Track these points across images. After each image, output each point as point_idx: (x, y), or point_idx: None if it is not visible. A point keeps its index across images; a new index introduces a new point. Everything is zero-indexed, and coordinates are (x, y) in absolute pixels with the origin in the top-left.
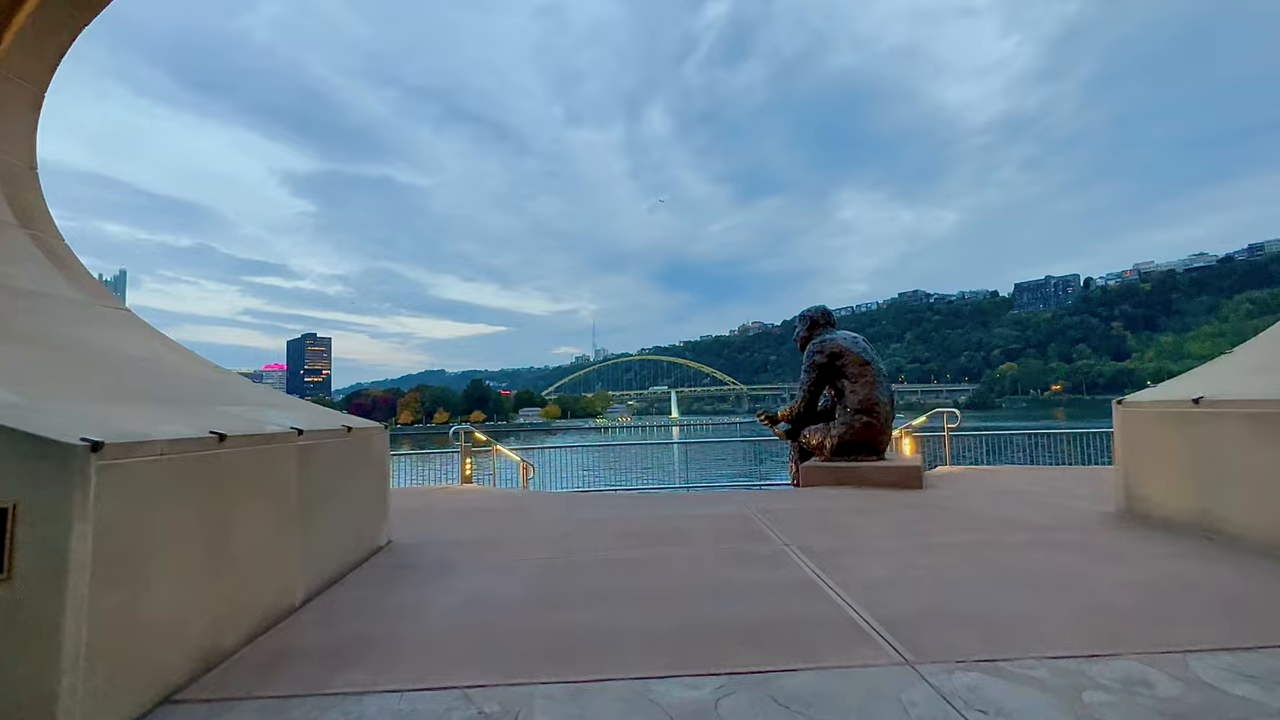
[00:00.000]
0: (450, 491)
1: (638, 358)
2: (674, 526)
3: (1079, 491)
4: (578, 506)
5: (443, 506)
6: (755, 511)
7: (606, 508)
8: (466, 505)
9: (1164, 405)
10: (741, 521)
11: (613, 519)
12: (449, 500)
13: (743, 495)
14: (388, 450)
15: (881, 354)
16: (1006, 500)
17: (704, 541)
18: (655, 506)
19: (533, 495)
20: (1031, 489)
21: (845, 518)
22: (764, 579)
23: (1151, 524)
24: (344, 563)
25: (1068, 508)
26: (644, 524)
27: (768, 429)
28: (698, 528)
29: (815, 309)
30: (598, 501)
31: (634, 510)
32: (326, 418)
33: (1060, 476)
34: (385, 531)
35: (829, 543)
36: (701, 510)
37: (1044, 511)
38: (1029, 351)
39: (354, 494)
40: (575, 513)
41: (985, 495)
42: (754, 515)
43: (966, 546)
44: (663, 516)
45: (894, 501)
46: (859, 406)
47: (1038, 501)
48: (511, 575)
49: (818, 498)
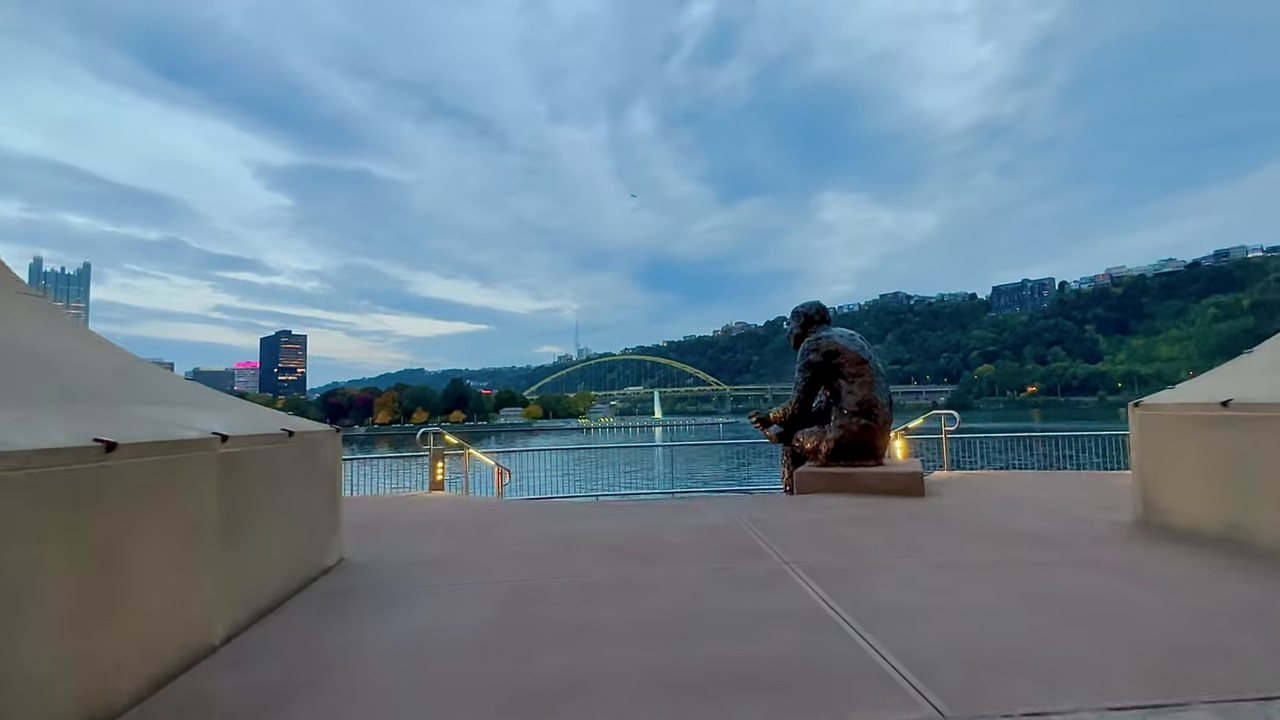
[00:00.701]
0: (418, 499)
1: (621, 357)
2: (660, 540)
3: (1087, 499)
4: (555, 517)
5: (407, 517)
6: (747, 521)
7: (586, 518)
8: (433, 516)
9: (1188, 408)
10: (733, 534)
11: (592, 532)
12: (415, 510)
13: (731, 502)
14: (339, 457)
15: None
16: (1014, 509)
17: (694, 559)
18: (639, 517)
19: (507, 504)
20: (1037, 496)
21: (846, 530)
22: (765, 607)
23: (1176, 536)
24: (282, 588)
25: (1081, 518)
26: (626, 538)
27: (757, 430)
28: (686, 542)
29: (809, 304)
30: (577, 511)
31: (616, 521)
32: (264, 420)
33: (1063, 482)
34: (336, 548)
35: (832, 560)
36: (689, 521)
37: (1058, 522)
38: (1005, 353)
39: (296, 508)
40: (551, 524)
41: (991, 504)
42: (746, 526)
43: (987, 565)
44: (647, 529)
45: (896, 511)
46: (856, 408)
47: (1047, 510)
48: (474, 603)
49: (813, 506)
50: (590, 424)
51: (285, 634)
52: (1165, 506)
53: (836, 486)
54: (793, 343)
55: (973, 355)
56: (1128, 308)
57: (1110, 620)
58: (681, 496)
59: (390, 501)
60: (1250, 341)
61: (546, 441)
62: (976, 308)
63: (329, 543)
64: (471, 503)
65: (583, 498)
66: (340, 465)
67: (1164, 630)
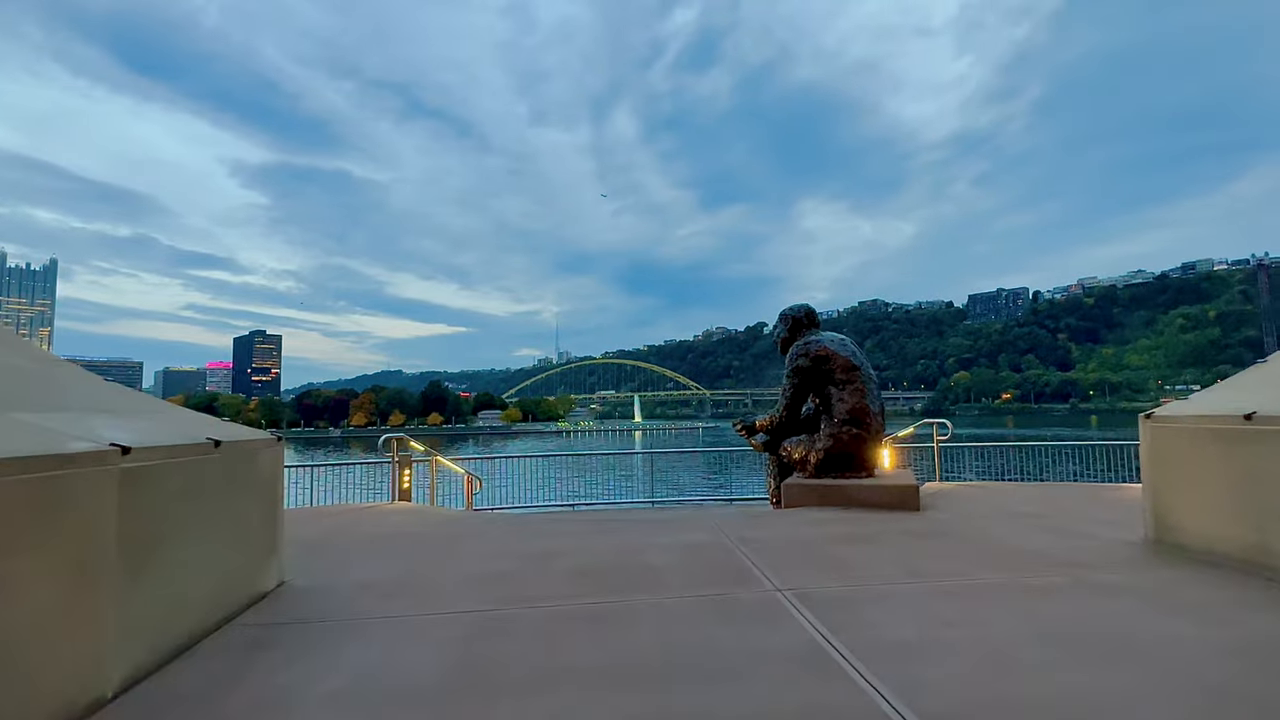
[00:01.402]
0: (379, 511)
1: (601, 361)
2: (640, 561)
3: (1089, 514)
4: (527, 532)
5: (364, 532)
6: (734, 540)
7: (559, 535)
8: (393, 531)
9: (1206, 420)
10: (720, 554)
11: (566, 551)
12: (374, 524)
13: (716, 516)
14: (280, 468)
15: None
16: (1016, 525)
17: (677, 584)
18: (618, 532)
19: (474, 518)
20: (1037, 511)
21: (840, 549)
22: (758, 644)
23: (1194, 559)
24: (200, 623)
25: (1086, 535)
26: (604, 558)
27: (741, 438)
28: (669, 563)
29: (797, 307)
30: (551, 526)
31: (592, 539)
32: (187, 428)
33: (1060, 496)
34: (274, 572)
35: (829, 585)
36: (671, 539)
37: (1064, 541)
38: (981, 361)
39: (223, 528)
40: (523, 541)
41: (990, 519)
42: (733, 545)
43: (996, 591)
44: (627, 548)
45: (891, 527)
46: (847, 416)
47: (1051, 527)
48: (427, 640)
49: (803, 522)
50: (570, 427)
51: (196, 680)
52: (1179, 525)
53: (827, 499)
54: (779, 347)
55: (949, 362)
56: (1099, 317)
57: (1144, 660)
58: (662, 506)
59: (349, 513)
60: (1215, 352)
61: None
62: (953, 316)
63: (265, 566)
64: (436, 515)
65: (559, 507)
66: (281, 478)
67: (1208, 672)
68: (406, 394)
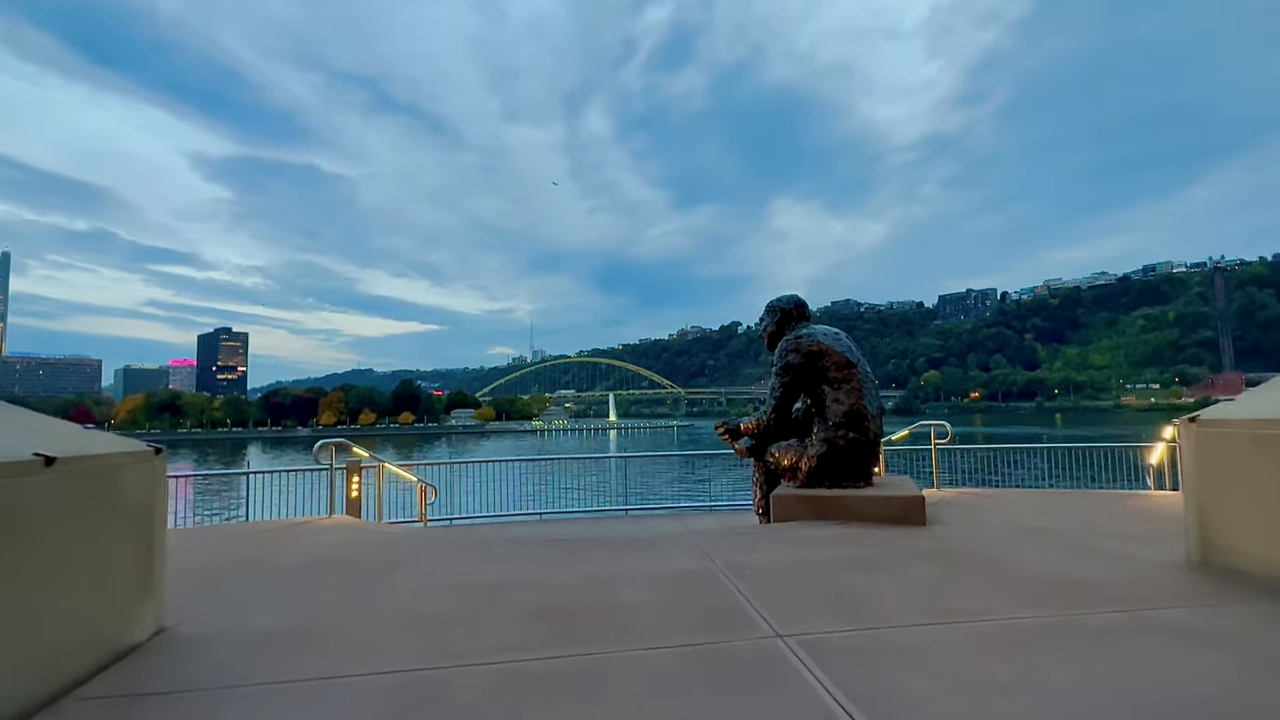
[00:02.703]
0: (311, 529)
1: (576, 360)
2: (612, 599)
3: (1110, 528)
4: (478, 555)
5: (285, 557)
6: (721, 566)
7: (517, 559)
8: (321, 554)
9: (1263, 425)
10: (706, 585)
11: (523, 583)
12: (301, 544)
13: (699, 535)
14: (159, 487)
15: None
16: (1037, 543)
17: (657, 630)
18: (586, 557)
19: (421, 536)
20: (1053, 524)
21: (845, 577)
22: (757, 715)
23: (1255, 585)
24: (24, 696)
25: (1122, 556)
26: (569, 592)
27: (724, 442)
28: (647, 600)
29: (786, 298)
30: (507, 549)
31: (556, 566)
32: (8, 440)
33: (1070, 505)
34: (150, 618)
35: (838, 629)
36: (649, 565)
37: (1100, 564)
38: (951, 360)
39: (65, 569)
40: (472, 567)
41: (1006, 535)
42: (720, 572)
43: (1047, 636)
44: (596, 578)
45: (899, 547)
46: (843, 419)
47: (1076, 545)
48: (337, 710)
49: (798, 541)
50: (544, 426)
51: None
52: (1233, 547)
53: (821, 512)
54: (766, 341)
55: (919, 361)
56: (1063, 318)
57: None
58: (637, 515)
59: (275, 531)
60: (1174, 352)
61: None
62: (924, 316)
63: (134, 612)
64: (377, 533)
65: (525, 517)
66: (162, 499)
67: None
68: (377, 393)
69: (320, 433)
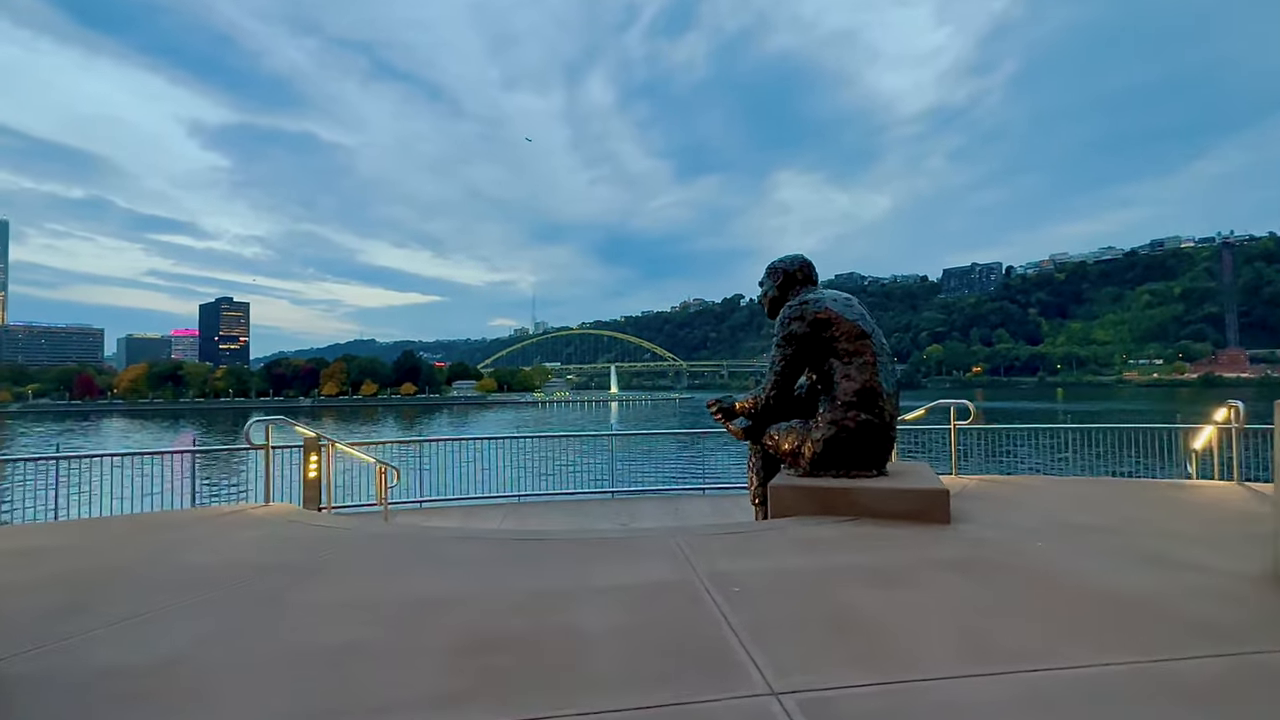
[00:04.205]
0: (235, 521)
1: (578, 331)
2: (563, 623)
3: (1169, 527)
4: (419, 559)
5: (184, 562)
6: (704, 577)
7: (465, 563)
8: (231, 556)
9: None
10: (683, 606)
11: (462, 598)
12: (212, 544)
13: (681, 533)
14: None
15: None
16: (1087, 548)
17: (613, 676)
18: (547, 561)
19: (360, 531)
20: (1100, 522)
21: (856, 596)
22: None
23: None
24: None
25: (1193, 566)
26: (510, 614)
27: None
28: (605, 628)
29: (789, 259)
30: (458, 547)
31: (503, 572)
32: None
33: (1110, 496)
34: None
35: (853, 681)
36: (620, 575)
37: (1169, 578)
38: (954, 334)
39: None
40: (406, 576)
41: (1047, 536)
42: (703, 587)
43: (1131, 692)
44: (547, 592)
45: (921, 551)
46: (854, 398)
47: (1134, 550)
48: None
49: (799, 543)
50: (545, 398)
51: None
52: None
53: (827, 506)
54: (766, 308)
55: (922, 335)
56: (1068, 293)
57: None
58: (625, 497)
59: (188, 526)
60: (1178, 328)
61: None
62: (927, 289)
63: None
64: (309, 528)
65: (501, 500)
66: None
67: None
68: (379, 364)
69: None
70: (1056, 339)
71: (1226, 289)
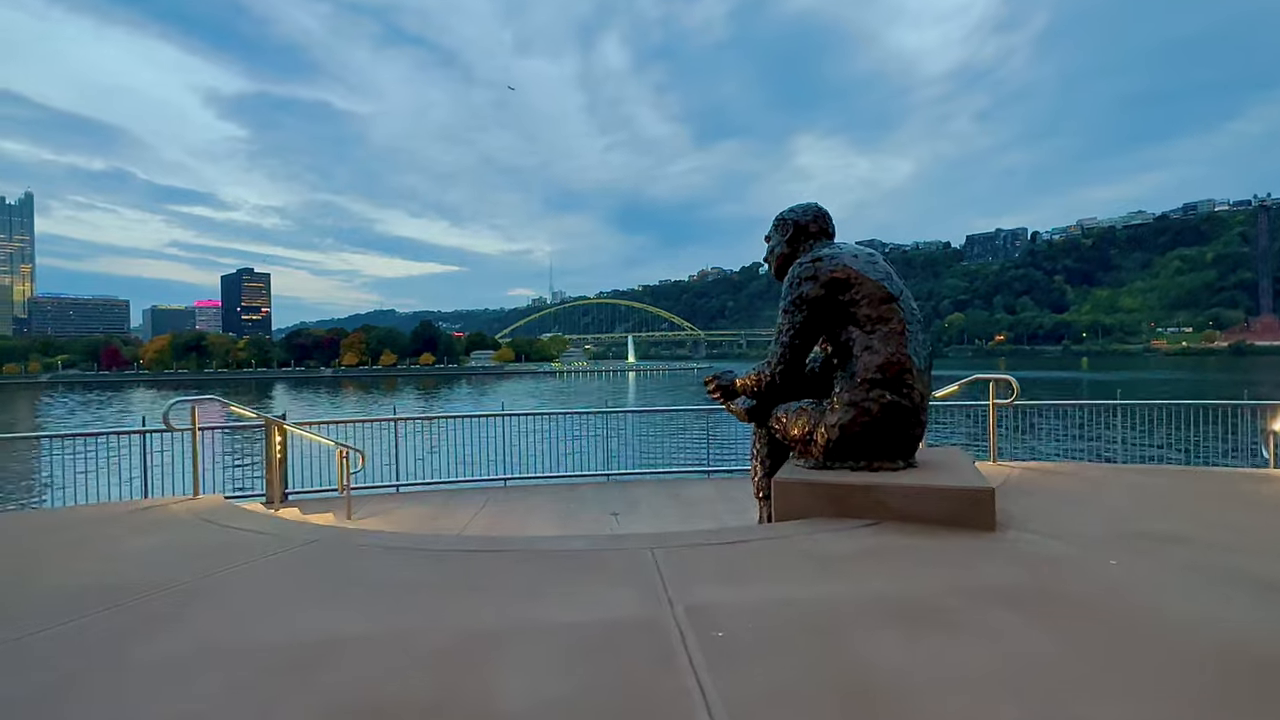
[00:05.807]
0: (140, 521)
1: (595, 301)
2: (482, 691)
3: (1263, 536)
4: (327, 580)
5: (43, 582)
6: (680, 612)
7: (381, 589)
8: (106, 575)
9: None
10: (643, 660)
11: (359, 645)
12: (101, 550)
13: (658, 543)
14: None
15: None
16: (1175, 568)
17: None
18: (484, 585)
19: (269, 542)
20: (1181, 529)
21: (880, 646)
22: None
23: None
24: None
25: None
26: (417, 671)
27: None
28: (538, 695)
29: (801, 208)
30: (383, 563)
31: (429, 606)
32: None
33: (1184, 491)
34: None
35: None
36: (569, 609)
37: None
38: (977, 302)
39: None
40: (300, 607)
41: (1122, 550)
42: (676, 631)
43: None
44: (478, 634)
45: (965, 573)
46: (877, 373)
47: (1237, 571)
48: None
49: (807, 560)
50: (563, 368)
51: None
52: None
53: (844, 506)
54: (774, 267)
55: (944, 303)
56: (1095, 259)
57: None
58: (622, 480)
59: (79, 526)
60: (1209, 295)
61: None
62: (950, 256)
63: None
64: (223, 531)
65: (485, 484)
66: None
67: None
68: (397, 333)
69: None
70: (1082, 307)
71: (1262, 254)
